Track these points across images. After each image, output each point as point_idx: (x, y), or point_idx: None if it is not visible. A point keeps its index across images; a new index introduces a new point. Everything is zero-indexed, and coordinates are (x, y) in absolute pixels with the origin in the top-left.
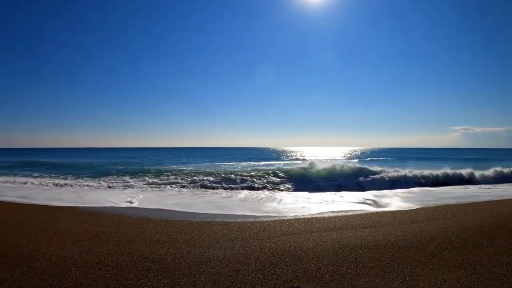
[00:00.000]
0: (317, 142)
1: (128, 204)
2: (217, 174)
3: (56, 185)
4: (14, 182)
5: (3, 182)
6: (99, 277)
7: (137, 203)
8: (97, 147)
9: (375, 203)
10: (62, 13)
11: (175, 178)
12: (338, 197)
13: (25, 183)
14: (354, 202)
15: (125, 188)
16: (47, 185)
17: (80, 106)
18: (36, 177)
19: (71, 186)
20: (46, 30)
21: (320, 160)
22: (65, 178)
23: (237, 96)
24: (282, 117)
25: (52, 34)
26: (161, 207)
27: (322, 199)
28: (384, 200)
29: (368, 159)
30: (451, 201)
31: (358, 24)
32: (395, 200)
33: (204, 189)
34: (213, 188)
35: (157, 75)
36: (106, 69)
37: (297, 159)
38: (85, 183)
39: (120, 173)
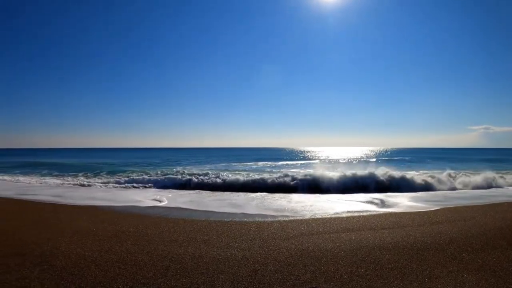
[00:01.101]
0: (335, 142)
1: (155, 203)
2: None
3: (83, 184)
4: (41, 182)
5: (28, 181)
6: (118, 275)
7: (166, 202)
8: (108, 147)
9: (382, 203)
10: (64, 13)
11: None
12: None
13: (58, 184)
14: (363, 202)
15: (149, 188)
16: (77, 185)
17: (90, 107)
18: (56, 176)
19: (100, 186)
20: (56, 30)
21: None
22: (88, 177)
23: (251, 95)
24: (300, 117)
25: (63, 34)
26: (186, 206)
27: (332, 199)
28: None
29: (387, 158)
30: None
31: (373, 22)
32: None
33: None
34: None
35: (168, 75)
36: (116, 69)
37: (314, 159)
38: (111, 183)
39: (141, 173)
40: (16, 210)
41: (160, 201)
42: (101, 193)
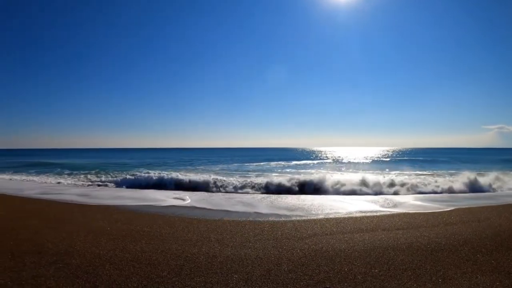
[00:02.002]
0: (349, 143)
1: (171, 202)
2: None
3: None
4: (59, 182)
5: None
6: (132, 274)
7: (181, 201)
8: (123, 147)
9: (394, 203)
10: (70, 13)
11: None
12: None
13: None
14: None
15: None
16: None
17: (100, 107)
18: (70, 175)
19: (112, 185)
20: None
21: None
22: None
23: (265, 96)
24: (314, 117)
25: (71, 34)
26: (201, 205)
27: (341, 199)
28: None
29: (399, 158)
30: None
31: (385, 20)
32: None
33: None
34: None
35: (179, 75)
36: (122, 67)
37: (325, 159)
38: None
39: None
40: (37, 209)
41: (176, 200)
42: (127, 193)
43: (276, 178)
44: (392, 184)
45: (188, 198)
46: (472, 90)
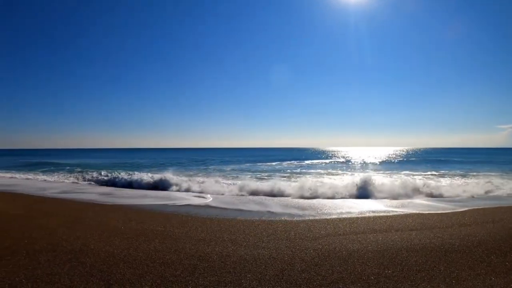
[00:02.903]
0: (361, 142)
1: (188, 201)
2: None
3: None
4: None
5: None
6: (146, 273)
7: (205, 200)
8: (140, 147)
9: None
10: (77, 12)
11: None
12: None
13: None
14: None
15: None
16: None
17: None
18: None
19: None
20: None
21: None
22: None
23: (277, 96)
24: (329, 117)
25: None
26: (215, 204)
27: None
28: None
29: (413, 159)
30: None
31: (399, 19)
32: None
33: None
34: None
35: (193, 76)
36: (135, 68)
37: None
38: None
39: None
40: (51, 208)
41: (193, 199)
42: (151, 192)
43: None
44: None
45: (208, 197)
46: (486, 89)
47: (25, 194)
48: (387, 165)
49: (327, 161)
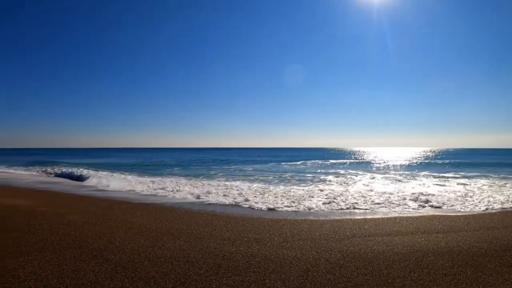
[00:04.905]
0: (390, 143)
1: (220, 199)
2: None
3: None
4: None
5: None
6: (171, 271)
7: (230, 200)
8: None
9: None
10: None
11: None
12: None
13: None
14: None
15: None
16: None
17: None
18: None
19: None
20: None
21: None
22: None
23: (300, 95)
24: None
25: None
26: (242, 204)
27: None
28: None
29: (447, 161)
30: None
31: (423, 21)
32: None
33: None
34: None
35: (219, 75)
36: (148, 69)
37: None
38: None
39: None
40: (78, 205)
41: (217, 198)
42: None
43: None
44: None
45: (231, 196)
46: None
47: (52, 191)
48: (419, 167)
49: (348, 161)
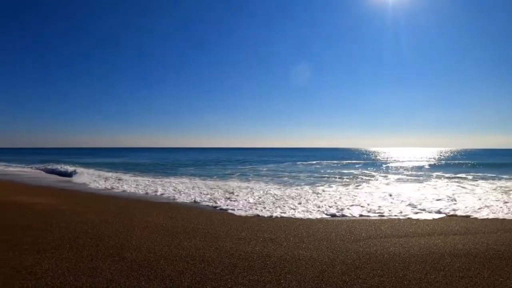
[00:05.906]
0: (407, 143)
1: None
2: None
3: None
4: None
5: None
6: (186, 270)
7: (243, 201)
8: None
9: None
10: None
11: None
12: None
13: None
14: None
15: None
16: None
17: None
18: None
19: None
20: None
21: None
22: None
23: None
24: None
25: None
26: (258, 205)
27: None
28: None
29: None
30: None
31: (431, 19)
32: None
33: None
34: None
35: (233, 76)
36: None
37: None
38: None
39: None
40: (95, 204)
41: (229, 198)
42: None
43: None
44: None
45: (242, 197)
46: None
47: (73, 190)
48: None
49: (363, 161)
